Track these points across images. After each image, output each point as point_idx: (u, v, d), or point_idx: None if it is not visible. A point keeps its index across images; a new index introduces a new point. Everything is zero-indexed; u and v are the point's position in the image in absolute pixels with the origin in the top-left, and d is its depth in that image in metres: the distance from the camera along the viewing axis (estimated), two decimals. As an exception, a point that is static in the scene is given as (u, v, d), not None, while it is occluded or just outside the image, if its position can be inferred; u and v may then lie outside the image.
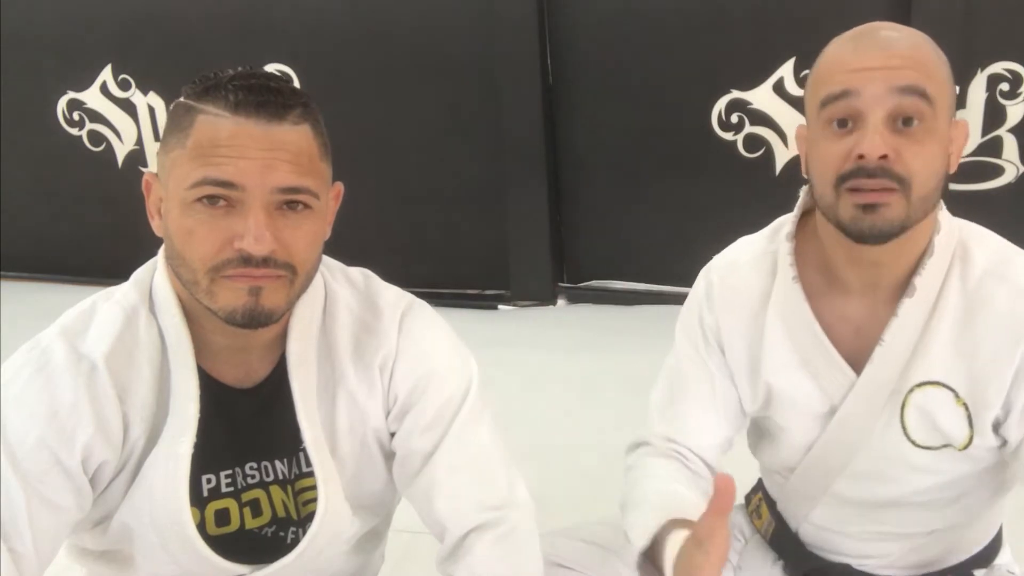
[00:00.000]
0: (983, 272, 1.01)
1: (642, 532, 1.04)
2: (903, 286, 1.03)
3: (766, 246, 1.14)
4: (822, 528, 1.19)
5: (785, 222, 1.13)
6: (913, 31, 0.97)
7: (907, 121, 0.93)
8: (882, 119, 0.92)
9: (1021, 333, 0.98)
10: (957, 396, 1.02)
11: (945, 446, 1.04)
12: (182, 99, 0.91)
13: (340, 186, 1.00)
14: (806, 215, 1.11)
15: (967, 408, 1.02)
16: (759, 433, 1.24)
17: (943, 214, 1.03)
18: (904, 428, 1.05)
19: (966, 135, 1.01)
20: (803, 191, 1.10)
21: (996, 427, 1.03)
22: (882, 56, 0.93)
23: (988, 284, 1.01)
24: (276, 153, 0.87)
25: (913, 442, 1.05)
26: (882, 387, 1.05)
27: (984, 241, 1.05)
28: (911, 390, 1.04)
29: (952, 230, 1.04)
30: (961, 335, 1.01)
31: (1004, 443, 1.04)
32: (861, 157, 0.92)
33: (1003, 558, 1.22)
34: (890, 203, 0.93)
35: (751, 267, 1.14)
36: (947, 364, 1.02)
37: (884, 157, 0.92)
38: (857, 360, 1.06)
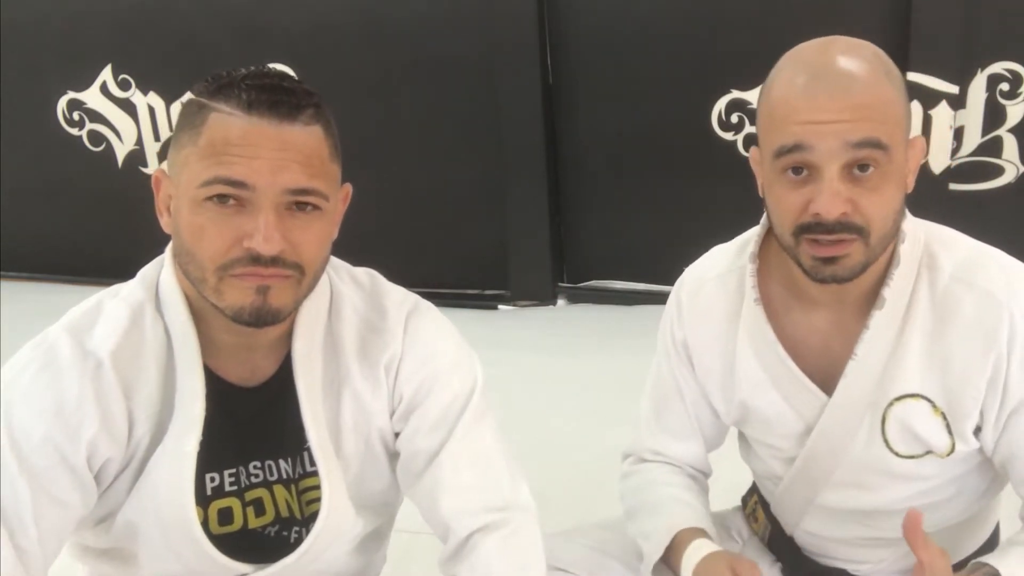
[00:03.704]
0: (950, 278, 1.00)
1: (657, 543, 1.09)
2: (870, 297, 1.02)
3: (733, 261, 1.13)
4: (814, 535, 1.19)
5: (752, 236, 1.12)
6: (868, 54, 0.93)
7: (863, 167, 0.91)
8: (836, 172, 0.90)
9: (991, 341, 0.97)
10: (934, 406, 1.01)
11: (928, 453, 1.04)
12: (194, 96, 0.90)
13: (348, 187, 1.00)
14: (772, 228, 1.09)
15: (945, 417, 1.01)
16: (746, 444, 1.24)
17: (907, 222, 1.02)
18: (886, 442, 1.04)
19: (922, 151, 0.99)
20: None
21: (978, 432, 1.02)
22: (835, 107, 0.89)
23: (955, 291, 0.99)
24: (288, 154, 0.87)
25: (896, 453, 1.05)
26: (857, 401, 1.04)
27: (950, 245, 1.03)
28: (890, 404, 1.03)
29: (917, 237, 1.03)
30: (933, 344, 1.00)
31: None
32: (818, 214, 0.91)
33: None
34: (849, 253, 0.93)
35: (717, 285, 1.13)
36: (922, 374, 1.01)
37: (843, 214, 0.91)
38: (828, 374, 1.06)
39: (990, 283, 0.98)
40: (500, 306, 3.64)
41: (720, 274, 1.14)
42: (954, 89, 2.86)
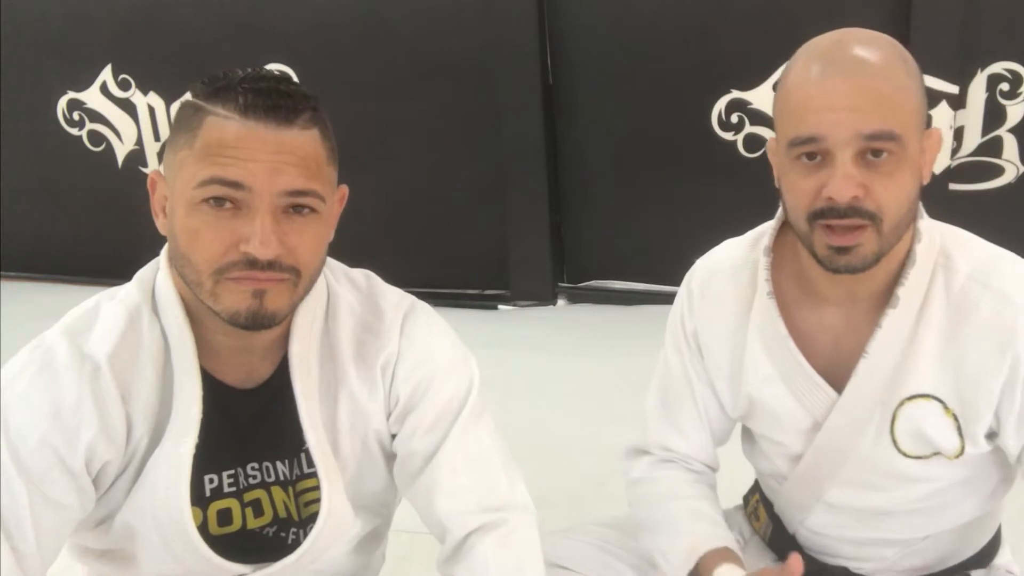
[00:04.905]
0: (966, 279, 1.00)
1: (679, 564, 1.09)
2: (883, 296, 1.02)
3: (747, 254, 1.13)
4: (818, 533, 1.19)
5: (766, 230, 1.12)
6: (883, 42, 0.94)
7: (876, 153, 0.91)
8: (850, 157, 0.91)
9: (1007, 341, 0.97)
10: (946, 407, 1.01)
11: (936, 454, 1.04)
12: (191, 99, 0.90)
13: (345, 189, 1.00)
14: (786, 223, 1.09)
15: (956, 419, 1.01)
16: (750, 441, 1.24)
17: (923, 222, 1.02)
18: (894, 442, 1.04)
19: (939, 142, 0.99)
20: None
21: (990, 435, 1.02)
22: (849, 96, 0.90)
23: (972, 291, 0.99)
24: (284, 157, 0.87)
25: (904, 453, 1.04)
26: (867, 400, 1.04)
27: (966, 246, 1.03)
28: (900, 404, 1.03)
29: (933, 237, 1.02)
30: (947, 345, 1.00)
31: (998, 449, 1.03)
32: (831, 198, 0.92)
33: (1002, 558, 1.22)
34: (862, 242, 0.93)
35: (731, 276, 1.13)
36: (934, 375, 1.01)
37: (854, 197, 0.91)
38: (837, 372, 1.05)
39: (1007, 285, 0.98)
40: (500, 306, 3.64)
41: (734, 266, 1.14)
42: (954, 89, 2.86)
